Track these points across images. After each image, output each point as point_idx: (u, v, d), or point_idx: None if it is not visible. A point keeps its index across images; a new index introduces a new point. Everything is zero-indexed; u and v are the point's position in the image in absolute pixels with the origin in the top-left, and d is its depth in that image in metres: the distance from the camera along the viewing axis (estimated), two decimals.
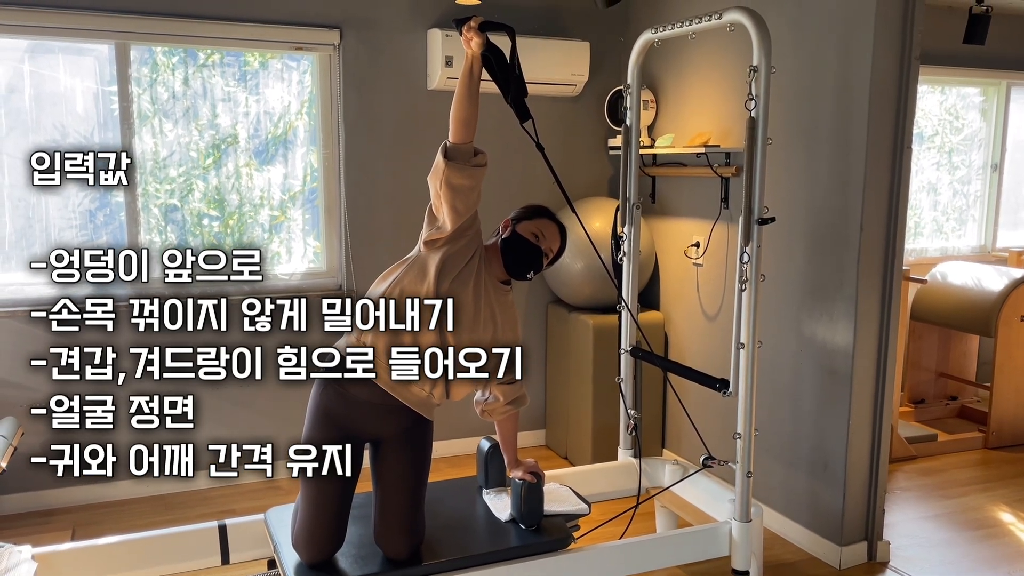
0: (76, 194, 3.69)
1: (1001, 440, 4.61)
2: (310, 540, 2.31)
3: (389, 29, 4.03)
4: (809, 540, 3.37)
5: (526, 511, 2.53)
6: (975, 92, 5.51)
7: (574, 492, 2.80)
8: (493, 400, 2.54)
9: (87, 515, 3.64)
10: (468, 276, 2.33)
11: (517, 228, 2.44)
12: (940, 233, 5.57)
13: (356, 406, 2.31)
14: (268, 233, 4.03)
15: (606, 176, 4.56)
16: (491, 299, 2.39)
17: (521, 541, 2.48)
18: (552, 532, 2.54)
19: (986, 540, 3.46)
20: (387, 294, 2.29)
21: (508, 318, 2.45)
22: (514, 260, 2.41)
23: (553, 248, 2.48)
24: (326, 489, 2.31)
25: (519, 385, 2.52)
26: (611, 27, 4.45)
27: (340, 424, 2.31)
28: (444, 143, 2.27)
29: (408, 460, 2.37)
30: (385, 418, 2.34)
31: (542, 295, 4.52)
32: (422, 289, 2.26)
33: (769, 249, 3.51)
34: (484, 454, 2.80)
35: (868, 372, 3.18)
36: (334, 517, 2.32)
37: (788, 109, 3.37)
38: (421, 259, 2.32)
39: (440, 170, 2.24)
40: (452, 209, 2.27)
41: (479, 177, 2.29)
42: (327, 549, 2.33)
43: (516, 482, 2.55)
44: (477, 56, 2.30)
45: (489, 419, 2.61)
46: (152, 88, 3.75)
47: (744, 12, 2.59)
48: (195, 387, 3.68)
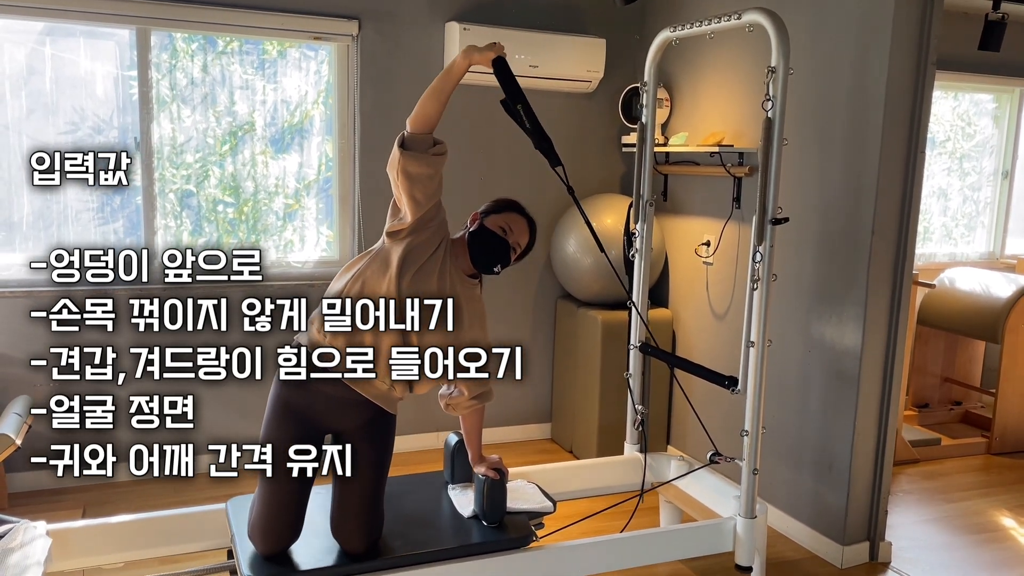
0: None
1: (1004, 446, 4.63)
2: (266, 531, 2.28)
3: (407, 21, 4.05)
4: (812, 539, 3.40)
5: (488, 508, 2.50)
6: (988, 98, 5.52)
7: (541, 490, 2.77)
8: (458, 394, 2.50)
9: (97, 494, 3.69)
10: (432, 268, 2.29)
11: (485, 221, 2.40)
12: (949, 238, 5.59)
13: (317, 398, 2.28)
14: (282, 221, 4.06)
15: (618, 173, 4.58)
16: (457, 292, 2.35)
17: (482, 538, 2.44)
18: (514, 530, 2.50)
19: (987, 544, 3.49)
20: (348, 287, 2.26)
21: (475, 312, 2.41)
22: (480, 253, 2.37)
23: (521, 242, 2.44)
24: (284, 480, 2.27)
25: (485, 380, 2.46)
26: (627, 25, 4.47)
27: (301, 416, 2.28)
28: (401, 133, 2.23)
29: (369, 454, 2.33)
30: (346, 411, 2.30)
31: (551, 290, 4.55)
32: (384, 282, 2.23)
33: (780, 249, 3.53)
34: (451, 449, 2.76)
35: (875, 375, 3.21)
36: (291, 509, 2.29)
37: (803, 111, 3.39)
38: (384, 251, 2.29)
39: (396, 160, 2.21)
40: (411, 199, 2.23)
41: (438, 165, 2.25)
42: (283, 541, 2.30)
43: (479, 478, 2.52)
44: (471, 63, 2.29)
45: (453, 413, 2.56)
46: (171, 74, 3.78)
47: (764, 13, 2.61)
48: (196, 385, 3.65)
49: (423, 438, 4.38)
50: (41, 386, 3.69)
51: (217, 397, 3.98)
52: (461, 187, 4.25)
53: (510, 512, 2.57)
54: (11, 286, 3.60)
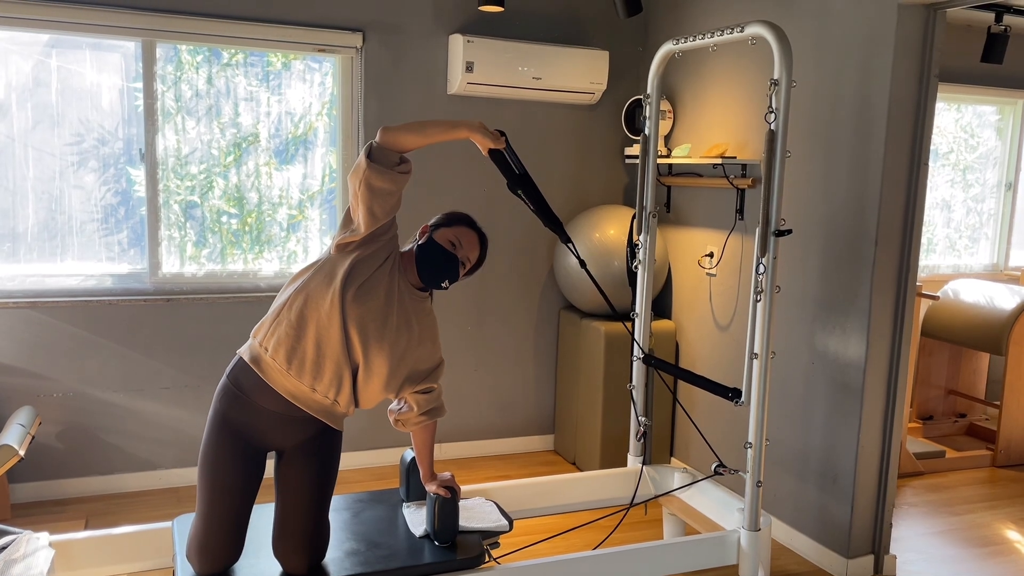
0: (99, 188, 3.74)
1: (1009, 459, 4.61)
2: (203, 551, 2.21)
3: (411, 33, 4.07)
4: (816, 552, 3.39)
5: (439, 527, 2.43)
6: (991, 110, 5.52)
7: (499, 508, 2.71)
8: (407, 409, 2.44)
9: (100, 505, 3.68)
10: (379, 281, 2.23)
11: (434, 235, 2.34)
12: (953, 250, 5.58)
13: (257, 414, 2.21)
14: (285, 232, 4.07)
15: (621, 184, 4.59)
16: (406, 306, 2.30)
17: (431, 558, 2.37)
18: (465, 550, 2.43)
19: (992, 558, 3.47)
20: (293, 298, 2.21)
21: (426, 327, 2.36)
22: (428, 267, 2.30)
23: (471, 257, 2.37)
24: (221, 498, 2.20)
25: (436, 395, 2.44)
26: (630, 37, 4.49)
27: (240, 431, 2.22)
28: (370, 143, 2.20)
29: (312, 472, 2.26)
30: (288, 428, 2.24)
31: (554, 301, 4.55)
32: (328, 293, 2.18)
33: (784, 261, 3.53)
34: (406, 465, 2.69)
35: (879, 387, 3.20)
36: (230, 527, 2.22)
37: (807, 123, 3.39)
38: (330, 262, 2.23)
39: (361, 170, 2.17)
40: (368, 212, 2.19)
41: (401, 183, 2.21)
42: (220, 561, 2.22)
43: (431, 496, 2.46)
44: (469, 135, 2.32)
45: (403, 429, 2.49)
46: (176, 86, 3.80)
47: (766, 26, 2.62)
48: None
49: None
50: (45, 397, 3.69)
51: None
52: (463, 201, 4.26)
53: (463, 531, 2.52)
54: (16, 296, 3.61)
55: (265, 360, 2.20)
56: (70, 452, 3.76)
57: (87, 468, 3.79)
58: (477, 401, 4.46)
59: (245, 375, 2.22)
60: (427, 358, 2.37)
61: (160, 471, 3.90)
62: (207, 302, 3.88)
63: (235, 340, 3.95)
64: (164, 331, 3.83)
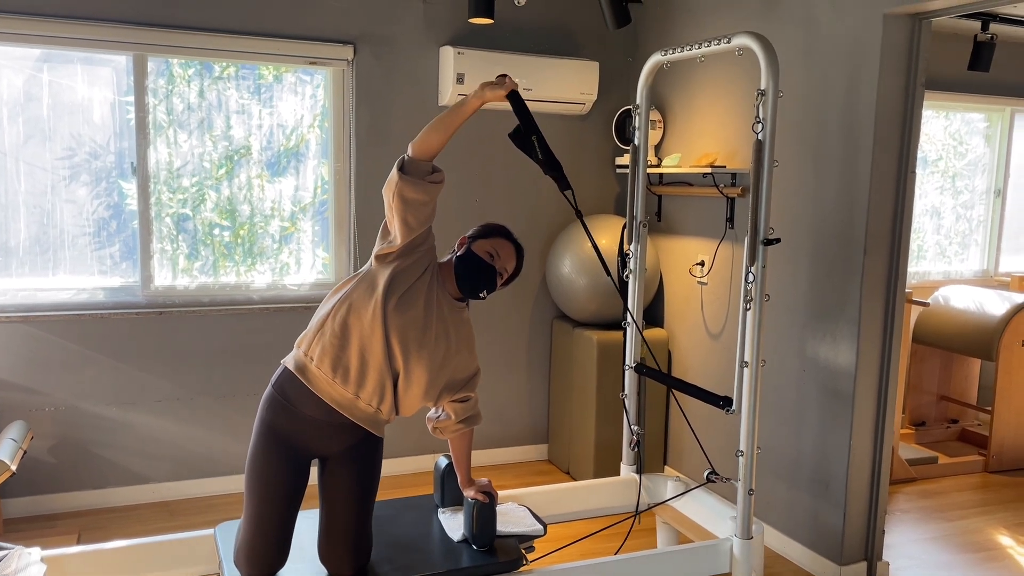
0: (90, 201, 3.74)
1: (1001, 464, 4.63)
2: (251, 556, 2.25)
3: (402, 46, 4.09)
4: (809, 559, 3.39)
5: (478, 531, 2.48)
6: (979, 118, 5.57)
7: (532, 512, 2.75)
8: (445, 417, 2.50)
9: (92, 520, 3.67)
10: (419, 291, 2.29)
11: (472, 246, 2.39)
12: (943, 257, 5.61)
13: (302, 422, 2.26)
14: (278, 244, 4.08)
15: (613, 194, 4.61)
16: (444, 316, 2.35)
17: (471, 562, 2.41)
18: (504, 553, 2.47)
19: (985, 563, 3.48)
20: (336, 308, 2.26)
21: (463, 336, 2.41)
22: (467, 278, 2.36)
23: (508, 268, 2.43)
24: (269, 505, 2.25)
25: (472, 403, 2.50)
26: (620, 48, 4.52)
27: (286, 439, 2.27)
28: (402, 157, 2.26)
29: (355, 478, 2.31)
30: (332, 435, 2.29)
31: (547, 310, 4.56)
32: (370, 303, 2.23)
33: (774, 269, 3.55)
34: (441, 472, 2.74)
35: (870, 393, 3.22)
36: (277, 534, 2.26)
37: (795, 132, 3.42)
38: (372, 273, 2.29)
39: (394, 183, 2.22)
40: (403, 223, 2.24)
41: (434, 193, 2.26)
42: (268, 566, 2.26)
43: (469, 502, 2.50)
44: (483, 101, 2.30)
45: (441, 437, 2.56)
46: (168, 99, 3.81)
47: (753, 36, 2.64)
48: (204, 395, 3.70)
49: (412, 461, 4.38)
50: (37, 411, 3.69)
51: (223, 406, 3.98)
52: (457, 210, 4.27)
53: (500, 535, 2.56)
54: (8, 311, 3.61)
55: (311, 369, 2.26)
56: (62, 466, 3.75)
57: (79, 482, 3.78)
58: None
59: (291, 384, 2.27)
60: (465, 367, 2.43)
61: (153, 484, 3.89)
62: (199, 315, 3.88)
63: (228, 353, 3.95)
64: (156, 344, 3.83)
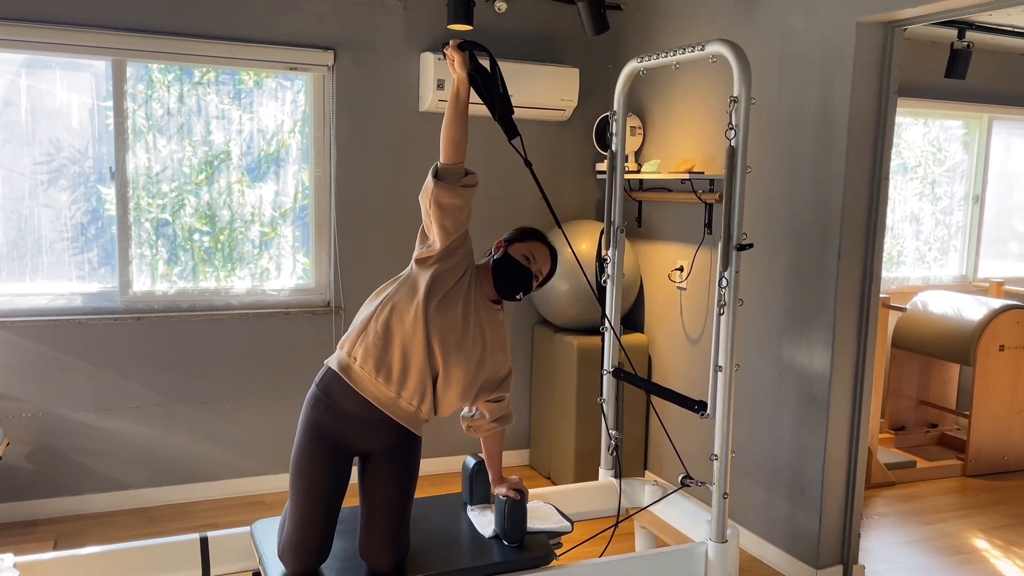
0: (69, 207, 3.73)
1: (979, 468, 4.67)
2: (297, 552, 2.34)
3: (383, 52, 4.10)
4: (785, 563, 3.41)
5: (509, 527, 2.56)
6: (958, 125, 5.62)
7: (557, 510, 2.84)
8: (479, 417, 2.61)
9: (70, 526, 3.65)
10: (458, 294, 2.38)
11: (509, 250, 2.50)
12: (922, 262, 5.66)
13: (345, 419, 2.35)
14: (258, 249, 4.08)
15: (593, 199, 4.63)
16: (481, 318, 2.44)
17: (503, 557, 2.51)
18: (534, 549, 2.56)
19: (961, 567, 3.51)
20: (379, 311, 2.35)
21: (497, 337, 2.51)
22: (504, 281, 2.47)
23: (543, 271, 2.55)
24: (314, 501, 2.35)
25: (506, 403, 2.59)
26: (601, 55, 4.54)
27: (330, 437, 2.36)
28: (435, 164, 2.34)
29: (395, 475, 2.40)
30: (374, 432, 2.37)
31: (528, 316, 4.57)
32: (412, 307, 2.32)
33: (751, 275, 3.58)
34: (469, 471, 2.84)
35: (845, 398, 3.24)
36: (321, 529, 2.35)
37: (771, 139, 3.44)
38: (412, 277, 2.38)
39: (430, 190, 2.31)
40: (441, 228, 2.33)
41: (468, 197, 2.35)
42: (313, 561, 2.36)
43: (500, 499, 2.59)
44: (463, 77, 2.37)
45: (475, 435, 2.67)
46: (147, 104, 3.81)
47: (725, 44, 2.67)
48: (181, 401, 3.69)
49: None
50: (13, 417, 3.67)
51: (204, 411, 3.97)
52: None
53: (530, 532, 2.64)
54: None
55: (355, 369, 2.33)
56: (39, 472, 3.73)
57: (56, 489, 3.76)
58: (453, 417, 4.46)
59: (335, 384, 2.35)
60: (499, 367, 2.52)
61: (131, 491, 3.88)
62: (178, 320, 3.88)
63: (207, 358, 3.94)
64: (135, 350, 3.82)
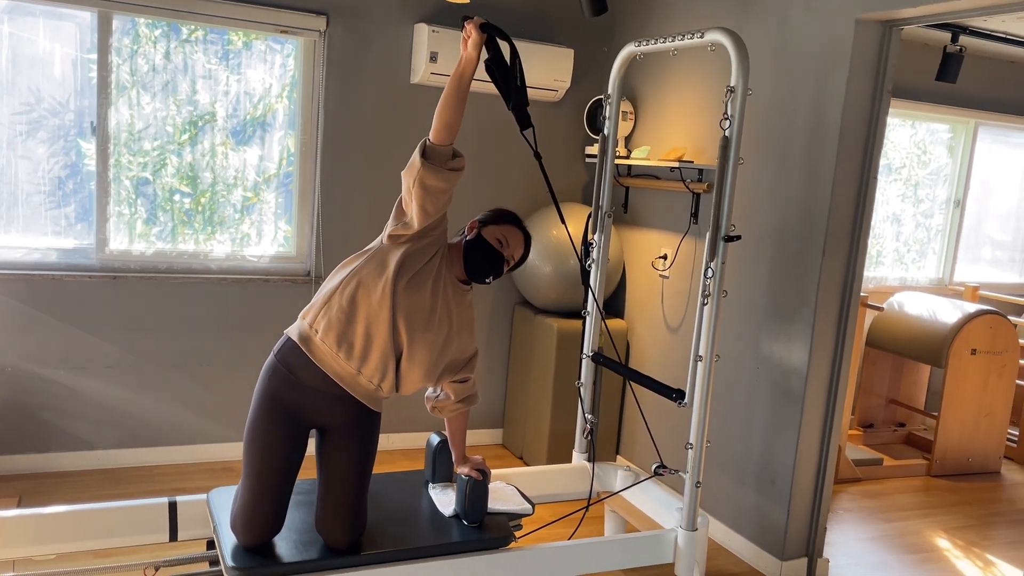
0: (47, 160, 3.65)
1: (944, 468, 4.74)
2: (248, 523, 2.30)
3: (376, 20, 4.04)
4: (752, 553, 3.45)
5: (470, 507, 2.56)
6: (944, 128, 5.65)
7: (519, 492, 2.84)
8: (444, 397, 2.58)
9: (33, 483, 3.60)
10: (427, 274, 2.34)
11: (483, 231, 2.45)
12: (901, 263, 5.71)
13: (303, 392, 2.31)
14: (239, 214, 4.02)
15: (581, 183, 4.61)
16: (448, 298, 2.40)
17: (462, 537, 2.50)
18: (494, 530, 2.56)
19: (921, 565, 3.57)
20: (345, 284, 2.30)
21: (465, 318, 2.47)
22: (475, 263, 2.42)
23: (515, 255, 2.50)
24: (267, 473, 2.30)
25: (470, 384, 2.57)
26: (596, 36, 4.50)
27: (286, 409, 2.31)
28: (423, 141, 2.27)
29: (354, 450, 2.37)
30: (332, 406, 2.34)
31: (509, 296, 4.56)
32: (380, 282, 2.27)
33: (735, 267, 3.58)
34: (433, 448, 2.83)
35: (820, 394, 3.27)
36: (274, 501, 2.31)
37: (763, 132, 3.44)
38: (382, 252, 2.33)
39: (415, 168, 2.24)
40: (421, 208, 2.28)
41: (454, 180, 2.29)
42: (265, 533, 2.32)
43: (462, 478, 2.58)
44: (472, 57, 2.30)
45: (439, 415, 2.65)
46: (132, 59, 3.72)
47: (725, 33, 2.65)
48: (155, 363, 3.64)
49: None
50: None
51: (177, 374, 3.93)
52: None
53: (490, 512, 2.64)
54: None
55: (315, 341, 2.30)
56: (5, 429, 3.67)
57: (22, 445, 3.71)
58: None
59: (294, 355, 2.31)
60: (465, 348, 2.49)
61: (98, 451, 3.83)
62: (155, 281, 3.82)
63: (182, 322, 3.89)
64: (109, 309, 3.76)
